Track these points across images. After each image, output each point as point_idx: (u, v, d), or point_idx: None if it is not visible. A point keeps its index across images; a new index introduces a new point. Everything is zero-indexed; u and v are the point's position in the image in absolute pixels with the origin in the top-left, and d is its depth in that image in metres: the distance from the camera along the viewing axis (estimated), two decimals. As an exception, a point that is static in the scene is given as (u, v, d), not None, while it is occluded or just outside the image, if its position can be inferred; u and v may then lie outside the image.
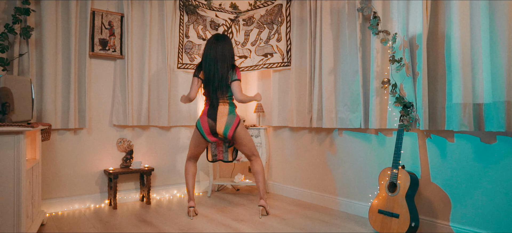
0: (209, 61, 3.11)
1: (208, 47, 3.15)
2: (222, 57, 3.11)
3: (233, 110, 3.16)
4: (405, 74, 2.85)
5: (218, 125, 3.08)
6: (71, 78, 3.37)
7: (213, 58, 3.10)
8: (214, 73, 3.09)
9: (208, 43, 3.18)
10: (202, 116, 3.13)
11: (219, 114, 3.10)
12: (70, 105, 3.37)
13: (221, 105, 3.13)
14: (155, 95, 3.93)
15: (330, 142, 3.63)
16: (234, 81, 3.14)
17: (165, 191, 4.09)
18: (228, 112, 3.12)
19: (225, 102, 3.15)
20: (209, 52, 3.13)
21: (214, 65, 3.09)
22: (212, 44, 3.14)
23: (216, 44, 3.13)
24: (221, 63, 3.10)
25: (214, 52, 3.11)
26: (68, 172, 3.48)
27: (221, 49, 3.12)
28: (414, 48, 2.79)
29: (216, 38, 3.18)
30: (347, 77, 3.34)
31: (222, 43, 3.15)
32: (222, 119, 3.09)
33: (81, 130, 3.56)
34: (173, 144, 4.16)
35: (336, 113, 3.45)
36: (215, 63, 3.09)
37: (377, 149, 3.18)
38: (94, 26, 3.56)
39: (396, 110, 2.91)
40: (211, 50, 3.12)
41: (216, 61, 3.09)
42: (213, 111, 3.10)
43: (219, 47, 3.12)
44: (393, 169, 2.72)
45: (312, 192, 3.80)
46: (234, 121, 3.11)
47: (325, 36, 3.48)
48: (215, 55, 3.10)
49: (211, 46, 3.14)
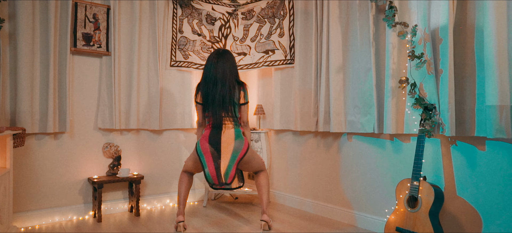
0: (208, 82, 2.85)
1: (209, 66, 2.88)
2: (222, 76, 2.84)
3: (240, 134, 2.84)
4: (425, 72, 2.50)
5: (223, 152, 2.75)
6: (50, 76, 3.02)
7: (213, 77, 2.84)
8: (213, 94, 2.82)
9: (208, 61, 2.91)
10: (202, 140, 2.81)
11: (224, 141, 2.77)
12: (49, 107, 3.02)
13: (225, 127, 2.83)
14: (145, 96, 3.58)
15: (338, 148, 3.27)
16: (245, 105, 2.92)
17: (156, 201, 3.74)
18: (235, 136, 2.80)
19: (231, 124, 2.85)
20: (209, 71, 2.86)
21: (214, 87, 2.82)
22: (213, 62, 2.88)
23: (217, 63, 2.86)
24: (221, 83, 2.83)
25: (214, 71, 2.85)
26: (47, 181, 3.13)
27: (221, 67, 2.85)
28: (436, 42, 2.44)
29: (217, 55, 2.91)
30: (358, 76, 2.98)
31: (224, 60, 2.88)
32: (228, 147, 2.76)
33: (62, 134, 3.21)
34: (166, 149, 3.81)
35: (345, 116, 3.10)
36: (215, 84, 2.82)
37: (392, 157, 2.82)
38: (77, 19, 3.21)
39: (415, 113, 2.55)
40: (212, 69, 2.86)
41: (215, 81, 2.83)
42: (215, 136, 2.79)
43: (219, 66, 2.86)
44: (413, 181, 2.37)
45: (318, 203, 3.45)
46: (242, 148, 2.79)
47: (333, 30, 3.13)
48: (215, 74, 2.84)
49: (211, 65, 2.87)
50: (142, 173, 3.64)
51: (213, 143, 2.76)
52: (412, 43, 2.51)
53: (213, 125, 2.83)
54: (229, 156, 2.75)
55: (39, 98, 3.01)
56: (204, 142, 2.79)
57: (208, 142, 2.77)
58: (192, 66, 3.84)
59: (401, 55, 2.67)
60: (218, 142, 2.76)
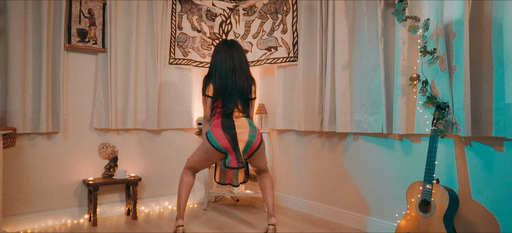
0: (226, 72, 2.65)
1: (223, 56, 2.68)
2: (240, 66, 2.68)
3: (252, 123, 2.70)
4: (438, 68, 2.37)
5: (239, 139, 2.59)
6: (42, 73, 2.88)
7: (230, 67, 2.65)
8: (232, 85, 2.64)
9: (221, 51, 2.71)
10: (214, 128, 2.60)
11: (238, 126, 2.62)
12: (42, 106, 2.88)
13: (236, 117, 2.67)
14: (143, 94, 3.45)
15: (343, 149, 3.14)
16: (254, 100, 2.80)
17: (155, 203, 3.60)
18: (248, 124, 2.66)
19: (241, 115, 2.70)
20: (225, 61, 2.66)
21: (232, 76, 2.65)
22: (226, 52, 2.69)
23: (231, 52, 2.68)
24: (239, 73, 2.67)
25: (231, 61, 2.66)
26: (40, 183, 2.99)
27: (238, 57, 2.69)
28: (450, 37, 2.31)
29: (229, 44, 2.73)
30: (366, 73, 2.85)
31: (238, 51, 2.71)
32: (243, 131, 2.61)
33: (56, 135, 3.07)
34: (164, 149, 3.68)
35: (352, 115, 2.97)
36: (233, 74, 2.65)
37: (401, 158, 2.69)
38: (71, 14, 3.07)
39: (427, 112, 2.42)
40: (228, 59, 2.66)
41: (234, 71, 2.65)
42: (228, 123, 2.62)
43: (235, 55, 2.68)
44: (426, 184, 2.23)
45: (322, 206, 3.31)
46: (256, 136, 2.65)
47: (338, 25, 3.00)
48: (232, 65, 2.66)
49: (226, 54, 2.68)
50: (139, 175, 3.50)
51: (227, 128, 2.58)
52: (423, 38, 2.38)
53: (224, 114, 2.64)
54: (245, 142, 2.60)
55: (31, 96, 2.87)
56: (216, 129, 2.59)
57: (221, 129, 2.58)
58: (192, 63, 3.70)
59: (411, 51, 2.54)
60: (233, 127, 2.60)
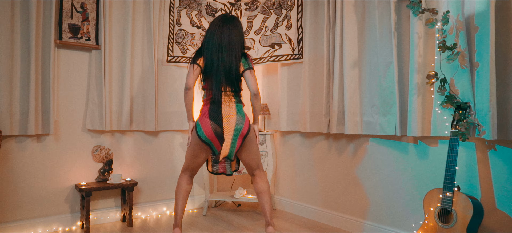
0: (212, 48, 2.44)
1: (212, 31, 2.48)
2: (228, 44, 2.45)
3: (241, 109, 2.48)
4: (458, 65, 2.17)
5: (225, 129, 2.40)
6: (31, 71, 2.69)
7: (217, 44, 2.44)
8: (218, 63, 2.43)
9: (213, 25, 2.51)
10: (202, 117, 2.43)
11: (225, 115, 2.42)
12: (30, 106, 2.69)
13: (225, 102, 2.45)
14: (139, 94, 3.26)
15: (352, 152, 2.94)
16: (247, 70, 2.47)
17: (151, 209, 3.41)
18: (236, 111, 2.44)
19: (231, 99, 2.47)
20: (212, 36, 2.46)
21: (218, 53, 2.44)
22: (217, 26, 2.48)
23: (222, 27, 2.47)
24: (227, 51, 2.45)
25: (218, 37, 2.45)
26: (28, 189, 2.81)
27: (227, 33, 2.46)
28: (471, 31, 2.11)
29: (223, 19, 2.51)
30: (377, 71, 2.66)
31: (230, 26, 2.48)
32: (230, 121, 2.42)
33: (46, 137, 2.89)
34: (162, 152, 3.49)
35: (361, 116, 2.77)
36: (219, 51, 2.44)
37: (416, 162, 2.49)
38: (62, 8, 2.89)
39: (446, 113, 2.23)
40: (216, 35, 2.46)
41: (220, 48, 2.44)
42: (216, 111, 2.43)
43: (225, 31, 2.46)
44: (446, 192, 2.04)
45: (329, 212, 3.12)
46: (244, 124, 2.44)
47: (347, 20, 2.81)
48: (220, 41, 2.44)
49: (215, 29, 2.47)
50: (135, 179, 3.32)
51: (214, 117, 2.41)
52: (442, 33, 2.18)
53: (212, 100, 2.46)
54: (232, 132, 2.41)
55: (19, 96, 2.68)
56: (203, 118, 2.43)
57: (208, 117, 2.42)
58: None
59: (428, 46, 2.35)
60: (219, 114, 2.41)
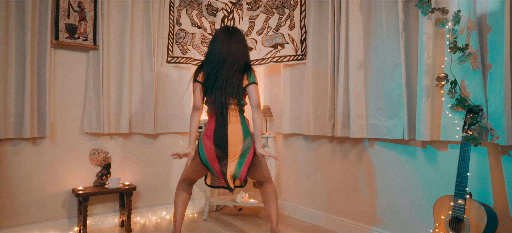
0: (217, 62, 2.34)
1: (217, 45, 2.38)
2: (233, 57, 2.35)
3: (248, 131, 2.38)
4: (469, 67, 2.09)
5: (230, 156, 2.31)
6: (26, 72, 2.61)
7: (222, 58, 2.34)
8: (222, 77, 2.33)
9: (217, 38, 2.40)
10: (205, 140, 2.33)
11: (231, 137, 2.31)
12: (25, 108, 2.61)
13: (232, 121, 2.35)
14: (138, 96, 3.18)
15: (357, 156, 2.86)
16: (252, 84, 2.37)
17: (151, 213, 3.33)
18: (243, 134, 2.33)
19: (237, 118, 2.37)
20: (217, 50, 2.36)
21: (223, 66, 2.34)
22: (222, 40, 2.37)
23: (228, 41, 2.37)
24: (232, 65, 2.35)
25: (225, 51, 2.35)
26: (24, 194, 2.72)
27: (235, 47, 2.37)
28: (484, 31, 2.03)
29: (227, 33, 2.41)
30: (383, 72, 2.57)
31: (235, 40, 2.39)
32: (236, 150, 2.31)
33: (42, 140, 2.80)
34: (162, 155, 3.40)
35: (367, 118, 2.69)
36: (224, 65, 2.34)
37: (424, 168, 2.41)
38: (59, 7, 2.80)
39: (457, 117, 2.14)
40: (222, 49, 2.36)
41: (225, 62, 2.34)
42: (221, 136, 2.32)
43: (233, 44, 2.37)
44: (457, 199, 1.95)
45: (333, 218, 3.03)
46: (250, 148, 2.35)
47: (352, 20, 2.72)
48: (225, 56, 2.34)
49: (221, 43, 2.37)
50: (134, 183, 3.23)
51: (219, 144, 2.31)
52: (453, 33, 2.10)
53: (216, 117, 2.36)
54: (238, 157, 2.32)
55: (14, 98, 2.60)
56: (207, 141, 2.33)
57: (212, 143, 2.32)
58: (191, 62, 3.43)
59: (437, 47, 2.26)
60: (225, 142, 2.31)
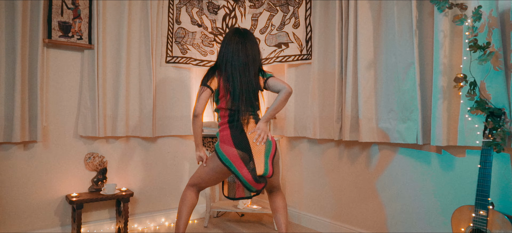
0: (238, 67, 2.18)
1: (234, 48, 2.21)
2: (253, 62, 2.21)
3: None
4: (489, 67, 1.94)
5: (255, 154, 2.15)
6: (16, 73, 2.47)
7: (243, 62, 2.18)
8: (247, 85, 2.18)
9: (233, 42, 2.23)
10: (223, 145, 2.18)
11: (252, 138, 2.17)
12: (16, 110, 2.47)
13: (249, 124, 2.20)
14: (135, 97, 3.03)
15: (366, 161, 2.71)
16: (270, 78, 2.23)
17: (149, 220, 3.18)
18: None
19: (252, 120, 2.23)
20: (236, 53, 2.20)
21: (245, 72, 2.18)
22: (239, 43, 2.21)
23: (244, 43, 2.21)
24: (253, 69, 2.21)
25: (244, 55, 2.19)
26: (14, 200, 2.58)
27: (251, 50, 2.22)
28: (507, 29, 1.89)
29: (241, 35, 2.25)
30: (395, 73, 2.42)
31: (251, 43, 2.24)
32: (259, 147, 2.17)
33: (34, 144, 2.66)
34: (160, 159, 3.26)
35: (377, 121, 2.54)
36: (246, 70, 2.19)
37: (440, 174, 2.26)
38: (52, 4, 2.66)
39: (476, 120, 1.99)
40: (240, 53, 2.19)
41: (247, 66, 2.19)
42: (240, 138, 2.17)
43: (249, 48, 2.21)
44: (479, 210, 1.81)
45: (340, 225, 2.89)
46: (271, 148, 2.20)
47: (361, 17, 2.57)
48: (246, 59, 2.19)
49: (238, 46, 2.21)
50: (132, 189, 3.09)
51: (241, 146, 2.15)
52: (473, 30, 1.95)
53: (233, 123, 2.20)
54: (263, 154, 2.17)
55: (3, 100, 2.46)
56: (227, 147, 2.17)
57: (234, 147, 2.16)
58: (191, 62, 3.28)
59: (454, 46, 2.11)
60: (247, 142, 2.15)
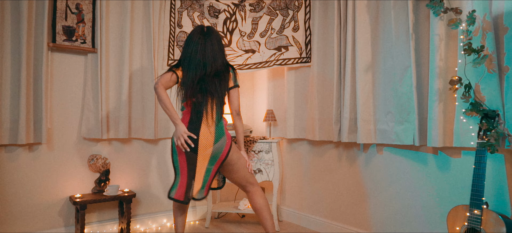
0: (195, 66, 2.20)
1: (193, 47, 2.23)
2: (213, 60, 2.22)
3: (223, 130, 2.25)
4: (483, 70, 1.99)
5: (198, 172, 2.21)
6: (22, 76, 2.52)
7: (200, 61, 2.20)
8: (201, 82, 2.20)
9: (192, 40, 2.25)
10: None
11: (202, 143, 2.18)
12: (21, 113, 2.52)
13: (207, 123, 2.21)
14: (138, 100, 3.08)
15: (365, 162, 2.75)
16: (235, 88, 2.30)
17: (151, 221, 3.23)
18: (215, 139, 2.21)
19: (212, 120, 2.23)
20: (194, 53, 2.21)
21: (202, 70, 2.19)
22: (198, 44, 2.23)
23: (204, 43, 2.23)
24: (212, 68, 2.22)
25: (201, 54, 2.21)
26: (19, 201, 2.63)
27: (211, 49, 2.23)
28: (500, 32, 1.93)
29: (201, 33, 2.27)
30: (392, 75, 2.47)
31: (209, 41, 2.24)
32: (205, 154, 2.20)
33: (38, 146, 2.71)
34: (162, 161, 3.31)
35: (375, 123, 2.59)
36: (203, 68, 2.20)
37: (436, 175, 2.30)
38: (56, 9, 2.72)
39: (471, 122, 2.04)
40: (198, 52, 2.21)
41: (204, 65, 2.20)
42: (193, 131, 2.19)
43: (208, 46, 2.23)
44: (473, 209, 1.85)
45: (339, 226, 2.93)
46: (223, 149, 2.23)
47: (359, 21, 2.62)
48: (203, 58, 2.20)
49: (196, 46, 2.22)
50: (134, 190, 3.14)
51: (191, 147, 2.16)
52: (468, 34, 2.00)
53: (191, 116, 2.22)
54: (205, 166, 2.21)
55: (9, 103, 2.52)
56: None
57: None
58: (193, 65, 3.34)
59: (450, 49, 2.16)
60: (196, 142, 2.16)
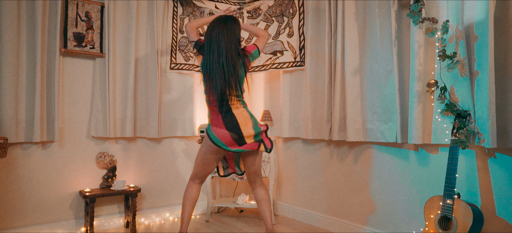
0: (212, 52, 2.32)
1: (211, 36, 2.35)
2: (228, 46, 2.34)
3: (252, 114, 2.43)
4: (458, 74, 2.20)
5: (245, 130, 2.33)
6: (37, 79, 2.74)
7: (217, 48, 2.32)
8: (219, 67, 2.32)
9: (211, 29, 2.38)
10: (215, 128, 2.35)
11: (240, 118, 2.34)
12: (36, 113, 2.73)
13: (236, 109, 2.36)
14: (143, 101, 3.30)
15: (354, 159, 2.97)
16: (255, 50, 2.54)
17: (155, 215, 3.44)
18: (250, 116, 2.39)
19: (239, 104, 2.39)
20: (212, 41, 2.34)
21: (219, 57, 2.32)
22: (216, 32, 2.35)
23: (221, 31, 2.35)
24: (228, 54, 2.33)
25: (216, 42, 2.33)
26: (33, 195, 2.84)
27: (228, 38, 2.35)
28: (471, 40, 2.14)
29: (220, 21, 2.39)
30: (378, 79, 2.69)
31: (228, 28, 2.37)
32: (247, 126, 2.35)
33: (51, 144, 2.92)
34: (165, 158, 3.52)
35: (363, 123, 2.80)
36: (220, 55, 2.32)
37: (417, 170, 2.52)
38: (67, 17, 2.93)
39: (447, 121, 2.25)
40: (215, 40, 2.33)
41: (221, 52, 2.32)
42: (231, 121, 2.33)
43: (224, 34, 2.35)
44: (446, 199, 2.06)
45: (331, 218, 3.14)
46: (261, 131, 2.39)
47: (348, 28, 2.84)
48: (218, 45, 2.32)
49: (215, 35, 2.34)
50: (139, 185, 3.35)
51: (231, 127, 2.31)
52: (442, 41, 2.21)
53: (219, 107, 2.35)
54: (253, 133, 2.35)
55: (24, 104, 2.73)
56: (218, 130, 2.34)
57: (225, 129, 2.32)
58: (194, 68, 3.55)
59: (428, 55, 2.37)
60: (237, 124, 2.31)
